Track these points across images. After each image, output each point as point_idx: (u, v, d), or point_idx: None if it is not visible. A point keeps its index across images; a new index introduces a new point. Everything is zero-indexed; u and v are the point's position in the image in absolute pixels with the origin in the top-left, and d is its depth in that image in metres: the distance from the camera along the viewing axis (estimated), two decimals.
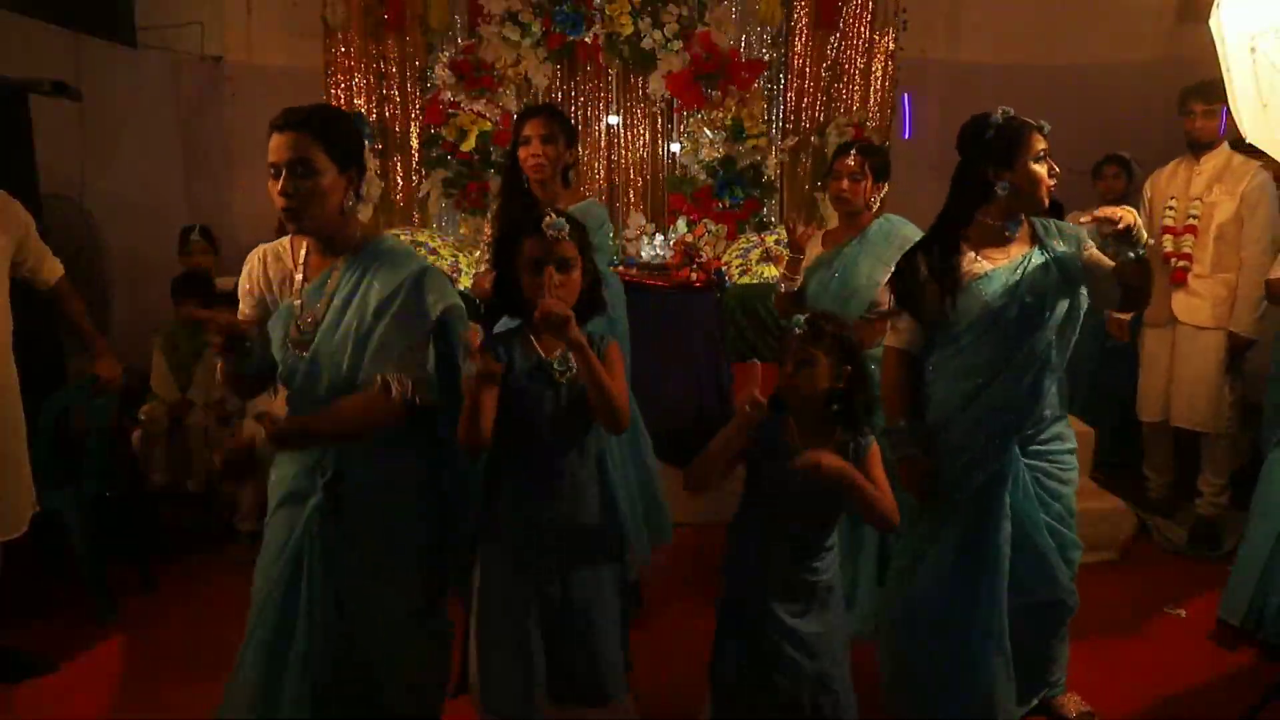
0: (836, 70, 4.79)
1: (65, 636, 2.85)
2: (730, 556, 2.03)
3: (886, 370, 2.25)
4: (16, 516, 2.59)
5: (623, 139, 4.96)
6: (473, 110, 4.59)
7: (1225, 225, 3.44)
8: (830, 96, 4.81)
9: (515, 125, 2.77)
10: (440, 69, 4.62)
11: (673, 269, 4.14)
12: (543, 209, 2.17)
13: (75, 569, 3.00)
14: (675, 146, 4.89)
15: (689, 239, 4.45)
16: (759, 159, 4.68)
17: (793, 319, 1.94)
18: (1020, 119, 2.08)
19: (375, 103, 4.71)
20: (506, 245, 1.92)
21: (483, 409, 1.77)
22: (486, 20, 4.59)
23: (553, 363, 1.87)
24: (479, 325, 2.08)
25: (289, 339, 1.81)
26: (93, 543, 2.98)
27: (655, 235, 4.71)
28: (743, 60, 4.66)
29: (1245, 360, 3.51)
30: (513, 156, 2.74)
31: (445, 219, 4.88)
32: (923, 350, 2.21)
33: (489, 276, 2.01)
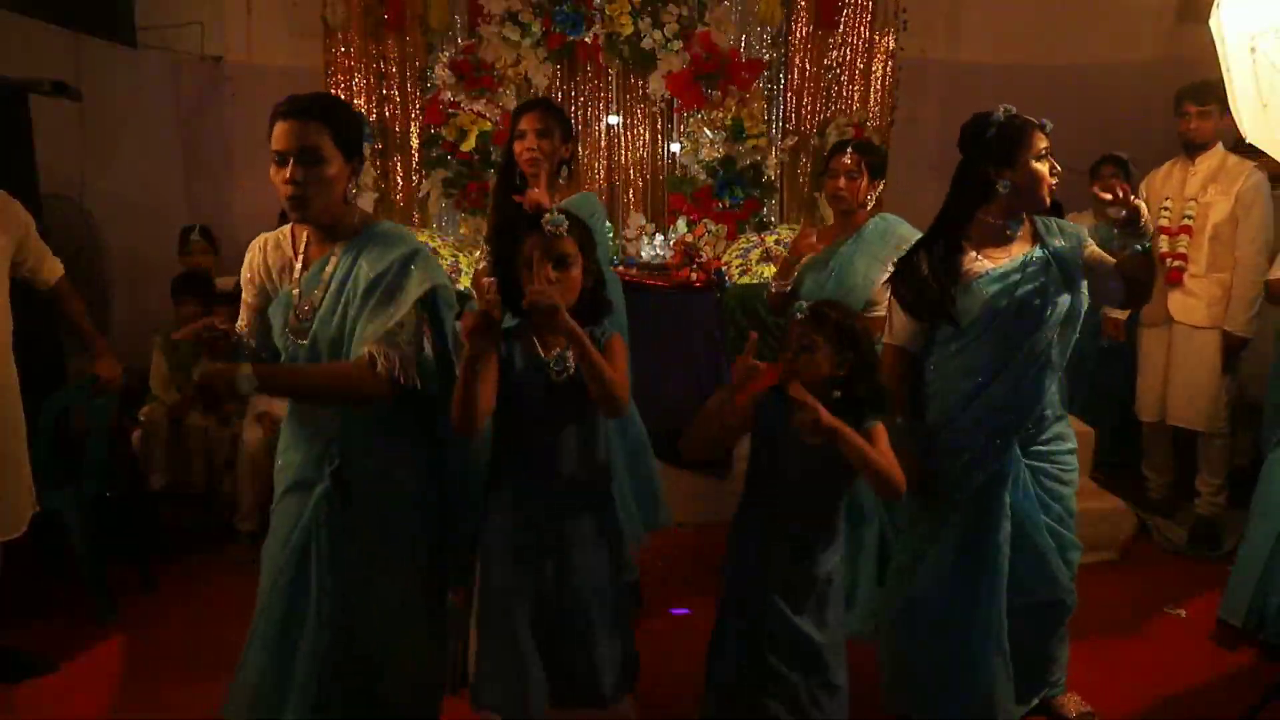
0: (836, 70, 4.78)
1: (65, 636, 2.84)
2: (730, 556, 2.03)
3: (884, 368, 2.25)
4: (16, 516, 2.59)
5: (623, 139, 4.95)
6: (473, 110, 4.58)
7: (1221, 225, 3.45)
8: (830, 96, 4.81)
9: (511, 119, 2.77)
10: (440, 69, 4.62)
11: (673, 269, 4.14)
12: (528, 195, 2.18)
13: (75, 569, 3.00)
14: (675, 146, 4.88)
15: (689, 239, 4.45)
16: (759, 159, 4.67)
17: (795, 305, 1.94)
18: (1022, 117, 2.08)
19: (375, 103, 4.70)
20: (507, 243, 1.91)
21: (478, 388, 1.71)
22: (486, 20, 4.58)
23: (550, 361, 1.87)
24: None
25: (288, 327, 1.81)
26: (93, 543, 2.98)
27: (655, 235, 4.70)
28: (743, 60, 4.65)
29: (1240, 360, 3.51)
30: (508, 150, 2.74)
31: (445, 219, 4.88)
32: (922, 349, 2.21)
33: (488, 277, 2.00)
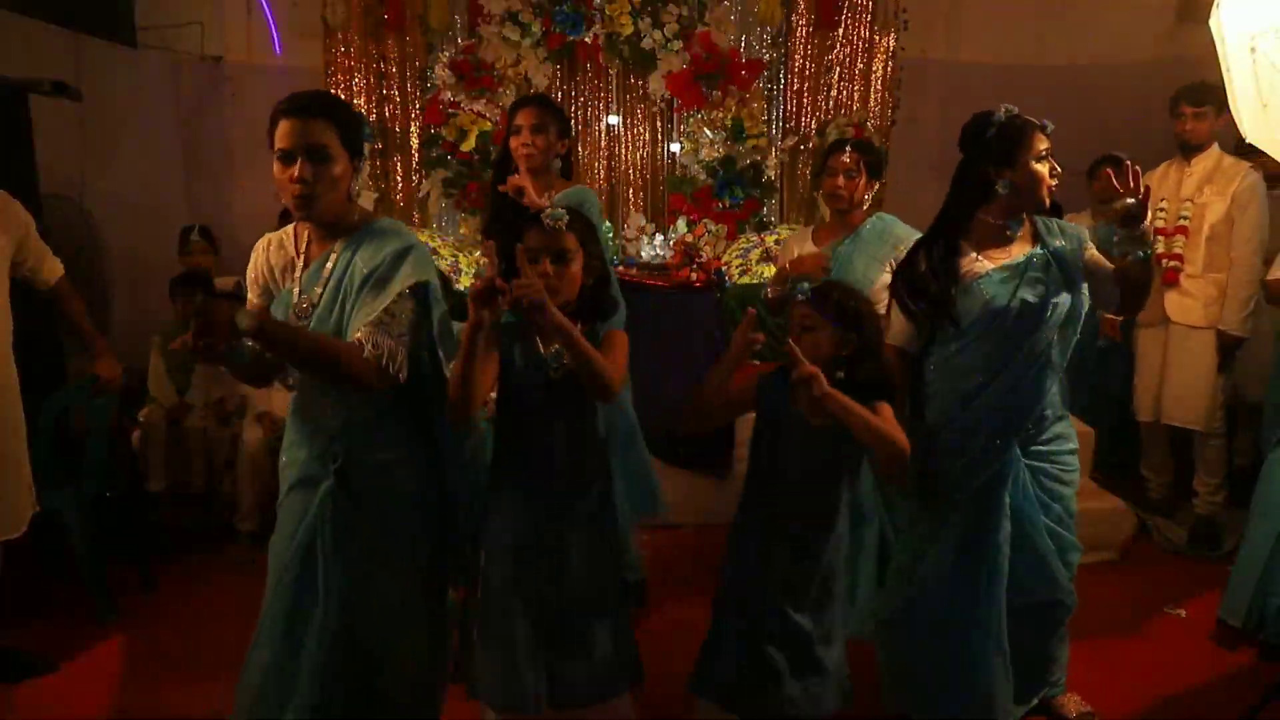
0: (837, 70, 4.79)
1: (65, 636, 2.84)
2: (730, 556, 2.03)
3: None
4: (16, 516, 2.59)
5: (623, 139, 4.95)
6: (473, 110, 4.59)
7: (1217, 225, 3.46)
8: (830, 96, 4.81)
9: (508, 115, 2.79)
10: (440, 69, 4.62)
11: (673, 269, 4.14)
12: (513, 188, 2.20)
13: (75, 569, 3.00)
14: (675, 146, 4.88)
15: (689, 239, 4.45)
16: (759, 159, 4.68)
17: (799, 286, 1.92)
18: (1023, 118, 2.08)
19: (375, 103, 4.70)
20: (501, 234, 1.91)
21: (476, 364, 1.68)
22: (486, 20, 4.59)
23: (548, 358, 1.87)
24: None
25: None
26: (93, 543, 2.98)
27: (655, 235, 4.70)
28: (743, 60, 4.65)
29: (1236, 359, 3.52)
30: (505, 146, 2.76)
31: (445, 219, 4.88)
32: (921, 349, 2.21)
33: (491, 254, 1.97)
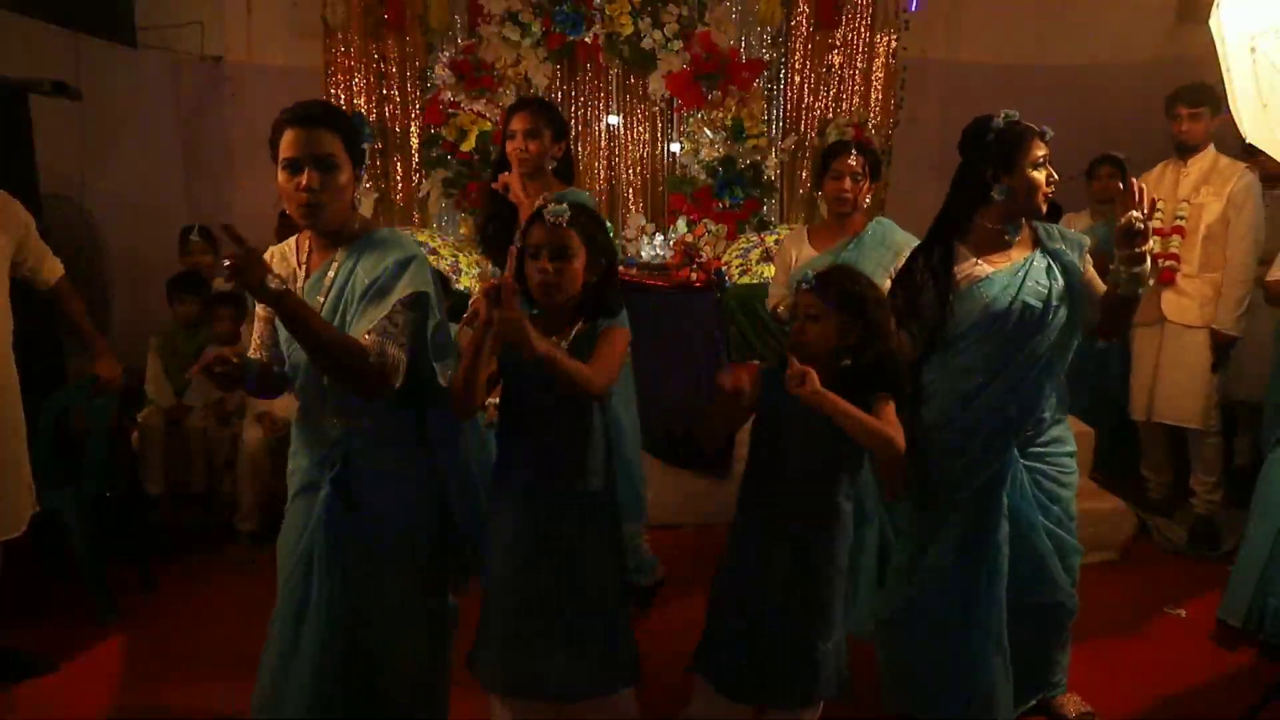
0: (837, 70, 4.78)
1: (65, 636, 2.84)
2: (730, 556, 2.03)
3: None
4: (16, 516, 2.59)
5: (623, 139, 4.95)
6: (473, 110, 4.58)
7: (1213, 225, 3.47)
8: (830, 96, 4.81)
9: (504, 118, 2.82)
10: (440, 69, 4.62)
11: (673, 269, 4.14)
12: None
13: (75, 569, 3.00)
14: (675, 146, 4.88)
15: (689, 239, 4.45)
16: (759, 159, 4.67)
17: (803, 275, 1.94)
18: (1022, 124, 2.08)
19: (375, 103, 4.70)
20: (496, 231, 1.89)
21: (482, 361, 1.70)
22: (486, 20, 4.58)
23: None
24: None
25: None
26: (93, 543, 2.98)
27: (655, 235, 4.70)
28: (743, 60, 4.65)
29: (1230, 358, 3.52)
30: (504, 147, 2.80)
31: (445, 219, 4.88)
32: (920, 355, 2.21)
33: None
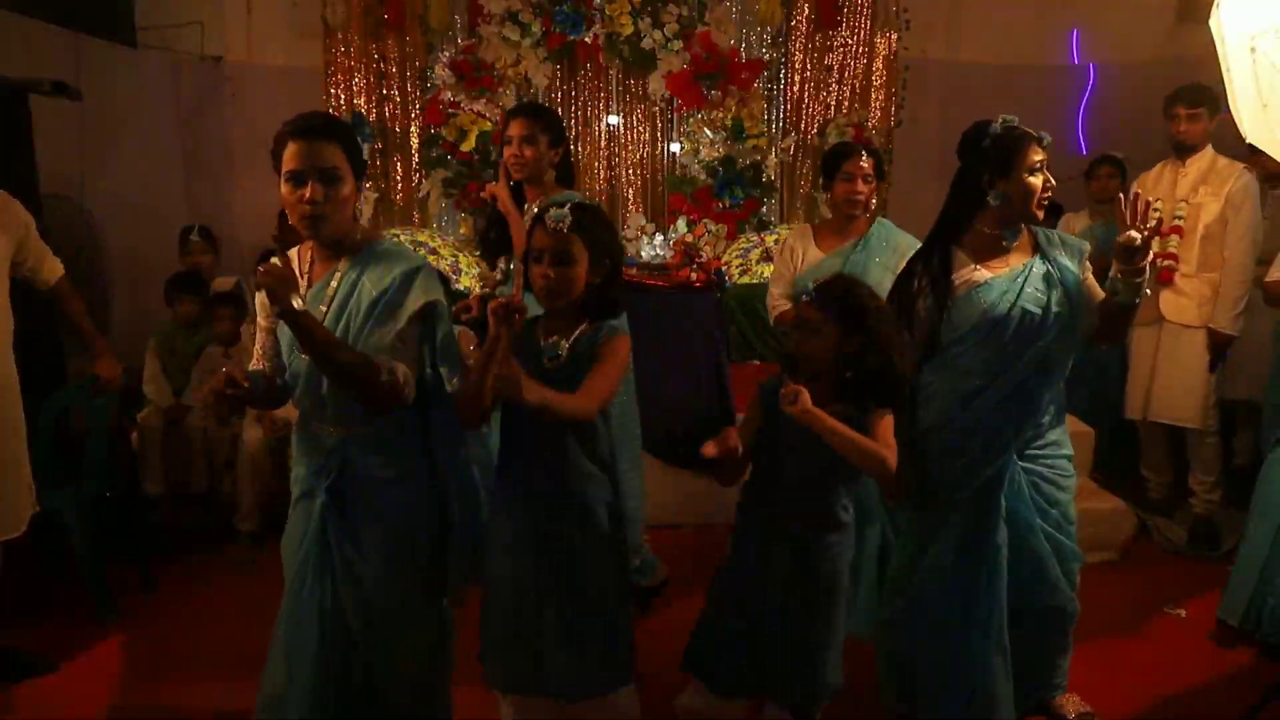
0: (837, 70, 4.79)
1: (65, 636, 2.84)
2: (730, 556, 2.03)
3: None
4: (16, 516, 2.59)
5: (623, 139, 4.95)
6: (473, 110, 4.59)
7: (1211, 225, 3.47)
8: (830, 96, 4.81)
9: (503, 123, 2.84)
10: (440, 69, 4.62)
11: (673, 269, 4.14)
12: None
13: (75, 569, 3.00)
14: (675, 146, 4.89)
15: (689, 239, 4.45)
16: (759, 159, 4.68)
17: (802, 287, 1.96)
18: (1020, 129, 2.08)
19: (375, 103, 4.71)
20: (495, 235, 1.90)
21: (489, 376, 1.70)
22: (486, 20, 4.59)
23: (544, 350, 1.86)
24: (472, 330, 2.09)
25: (294, 343, 1.82)
26: (93, 543, 2.98)
27: (655, 235, 4.71)
28: (743, 60, 4.66)
29: (1227, 358, 3.52)
30: (502, 150, 2.82)
31: (445, 219, 4.88)
32: (921, 357, 2.20)
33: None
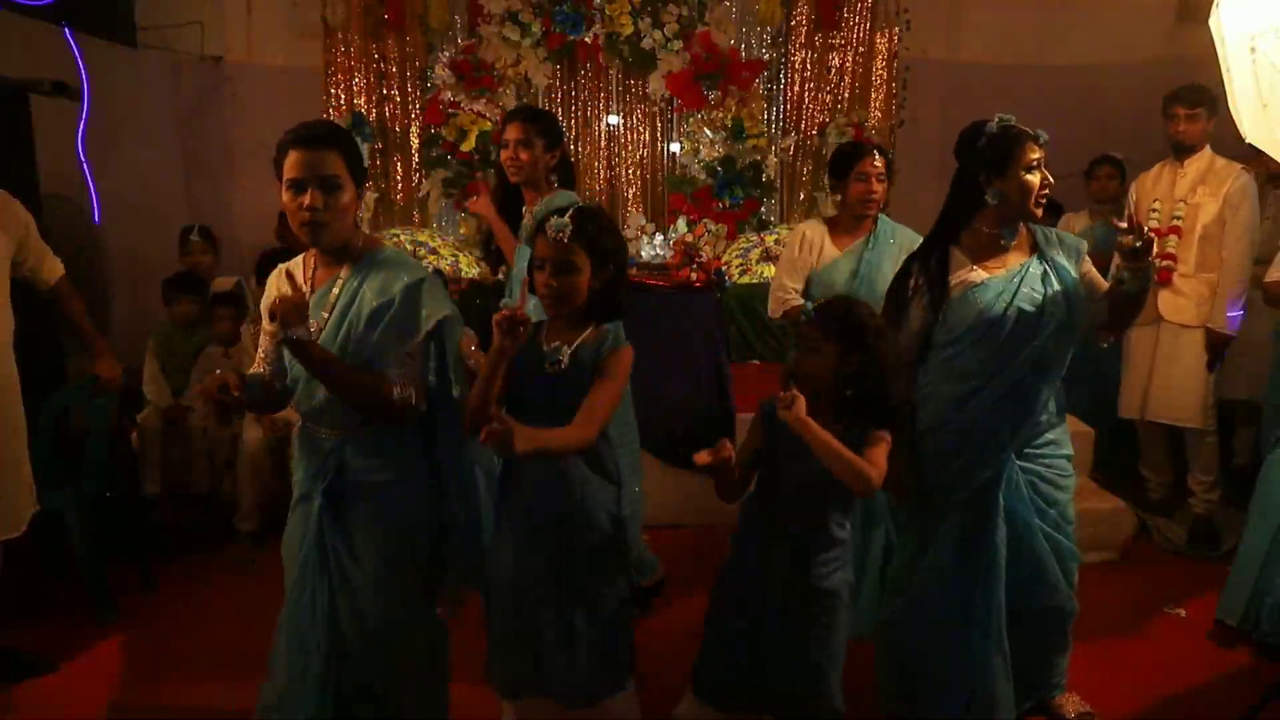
0: (836, 70, 4.79)
1: (65, 636, 2.84)
2: (731, 557, 2.03)
3: None
4: (16, 516, 2.59)
5: (623, 139, 4.96)
6: (473, 110, 4.59)
7: (1209, 226, 3.47)
8: (830, 96, 4.81)
9: (502, 125, 2.87)
10: (440, 69, 4.62)
11: (673, 269, 4.14)
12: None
13: (75, 569, 3.00)
14: (675, 146, 4.89)
15: (689, 239, 4.45)
16: (759, 159, 4.68)
17: (803, 307, 1.97)
18: (1016, 128, 2.08)
19: (375, 103, 4.71)
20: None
21: (496, 384, 1.74)
22: (486, 20, 4.59)
23: (546, 354, 1.86)
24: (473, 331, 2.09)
25: None
26: (93, 543, 2.98)
27: (655, 235, 4.71)
28: (743, 60, 4.66)
29: (1225, 358, 3.52)
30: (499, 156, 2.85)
31: (445, 219, 4.88)
32: (918, 358, 2.20)
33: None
